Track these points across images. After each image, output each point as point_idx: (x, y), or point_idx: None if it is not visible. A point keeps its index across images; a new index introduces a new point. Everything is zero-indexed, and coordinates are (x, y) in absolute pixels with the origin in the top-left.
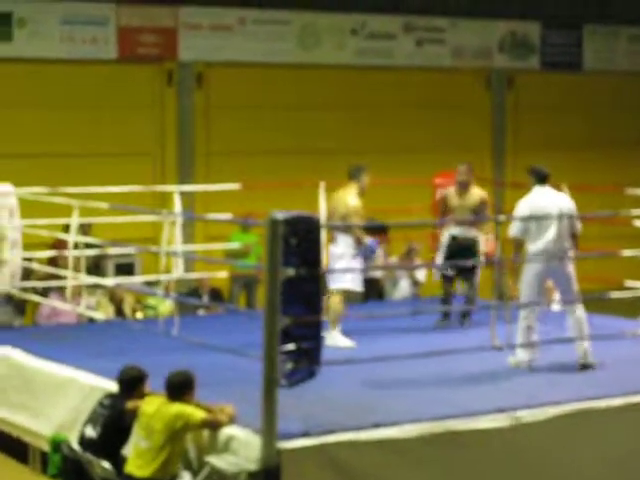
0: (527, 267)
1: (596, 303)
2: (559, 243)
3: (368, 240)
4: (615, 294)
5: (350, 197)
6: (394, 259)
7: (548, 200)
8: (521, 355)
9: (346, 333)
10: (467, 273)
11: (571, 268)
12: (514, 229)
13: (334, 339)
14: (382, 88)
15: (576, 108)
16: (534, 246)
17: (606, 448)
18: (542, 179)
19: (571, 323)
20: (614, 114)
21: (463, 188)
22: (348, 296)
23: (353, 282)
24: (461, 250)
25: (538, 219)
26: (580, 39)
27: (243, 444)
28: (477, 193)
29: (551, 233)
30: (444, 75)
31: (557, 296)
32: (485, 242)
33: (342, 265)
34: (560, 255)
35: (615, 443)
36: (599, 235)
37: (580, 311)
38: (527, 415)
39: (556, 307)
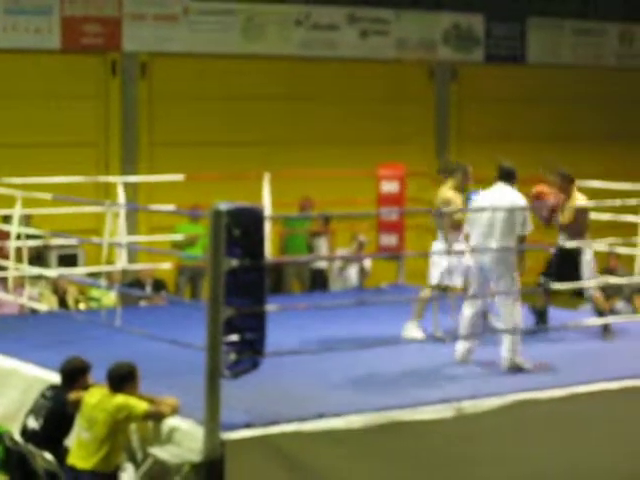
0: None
1: (534, 295)
2: (490, 240)
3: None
4: (556, 285)
5: (445, 191)
6: (342, 251)
7: (489, 197)
8: (459, 347)
9: (289, 323)
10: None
11: (505, 268)
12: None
13: (407, 330)
14: (326, 79)
15: (520, 101)
16: (471, 240)
17: (548, 439)
18: (500, 176)
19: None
20: (557, 107)
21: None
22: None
23: (441, 277)
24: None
25: (473, 214)
26: (524, 32)
27: (186, 435)
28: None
29: (481, 229)
30: (388, 67)
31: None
32: None
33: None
34: (488, 252)
35: (557, 434)
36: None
37: (508, 310)
38: (470, 406)
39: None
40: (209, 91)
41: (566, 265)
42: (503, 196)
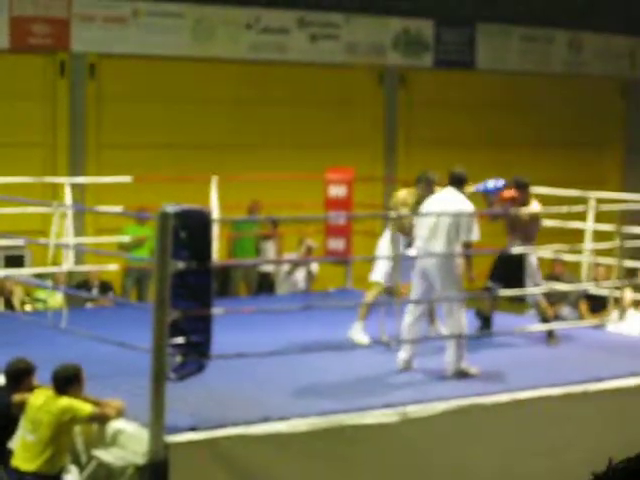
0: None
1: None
2: (432, 244)
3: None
4: (503, 291)
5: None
6: (290, 254)
7: (436, 202)
8: (400, 355)
9: (235, 326)
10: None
11: (448, 273)
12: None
13: (353, 332)
14: (276, 83)
15: (468, 106)
16: (415, 244)
17: (493, 443)
18: (451, 181)
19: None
20: (506, 113)
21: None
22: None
23: (384, 276)
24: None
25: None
26: (473, 38)
27: (131, 438)
28: None
29: (424, 233)
30: (337, 71)
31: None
32: None
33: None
34: (432, 256)
35: (501, 439)
36: (492, 232)
37: (452, 316)
38: (415, 410)
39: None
40: (158, 93)
41: (511, 270)
42: (450, 201)
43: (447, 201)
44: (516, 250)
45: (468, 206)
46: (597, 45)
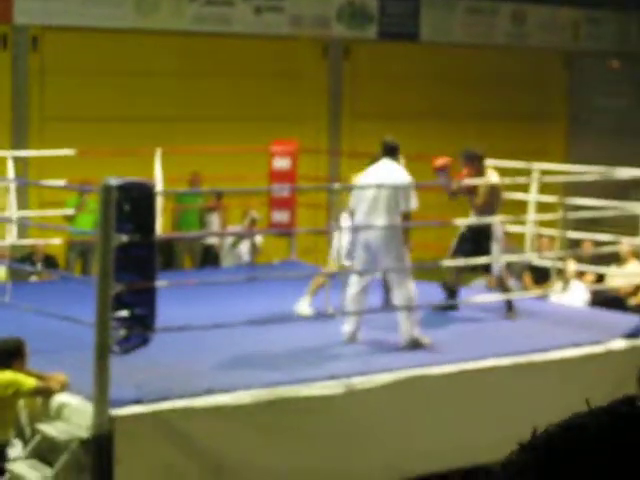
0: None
1: (431, 271)
2: (374, 217)
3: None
4: (450, 262)
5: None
6: (234, 227)
7: (374, 174)
8: (345, 327)
9: (180, 299)
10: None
11: (392, 244)
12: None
13: (299, 306)
14: (220, 56)
15: (413, 78)
16: (355, 218)
17: (439, 414)
18: (385, 151)
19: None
20: (450, 85)
21: None
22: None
23: (340, 256)
24: None
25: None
26: (417, 10)
27: (75, 411)
28: None
29: (364, 206)
30: (282, 43)
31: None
32: None
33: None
34: (374, 228)
35: (447, 409)
36: (436, 204)
37: (400, 286)
38: (360, 382)
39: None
40: (101, 66)
41: (475, 243)
42: (387, 172)
43: (384, 173)
44: (477, 222)
45: (404, 175)
46: (541, 17)
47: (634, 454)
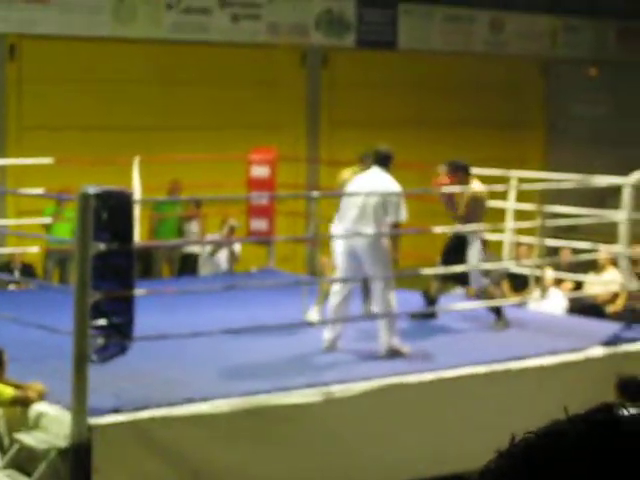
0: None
1: (410, 279)
2: (361, 225)
3: None
4: (427, 270)
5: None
6: (213, 235)
7: (362, 182)
8: (326, 335)
9: (158, 308)
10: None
11: (378, 253)
12: None
13: (309, 314)
14: (198, 64)
15: (391, 87)
16: (340, 225)
17: (417, 422)
18: (377, 160)
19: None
20: (428, 93)
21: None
22: None
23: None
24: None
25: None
26: (395, 18)
27: (53, 421)
28: None
29: (352, 214)
30: (260, 51)
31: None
32: None
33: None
34: (358, 236)
35: (425, 417)
36: (414, 212)
37: (382, 295)
38: (339, 390)
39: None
40: (80, 74)
41: (454, 254)
42: (377, 181)
43: (374, 181)
44: (458, 232)
45: (395, 186)
46: (519, 25)
47: (612, 462)
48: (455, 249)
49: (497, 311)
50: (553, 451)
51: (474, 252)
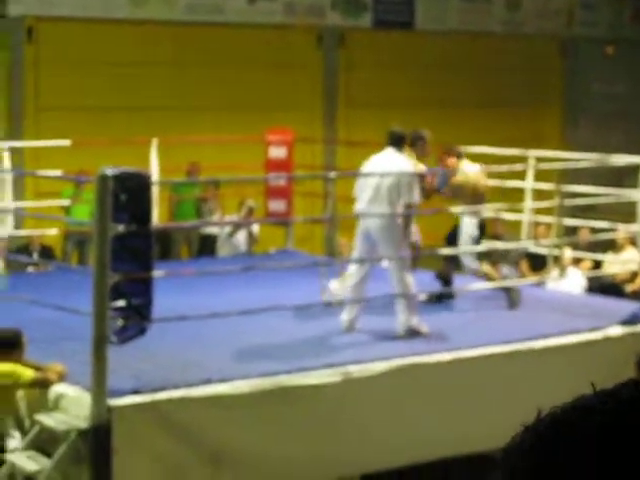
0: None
1: (427, 259)
2: (375, 206)
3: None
4: (445, 250)
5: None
6: (231, 216)
7: (376, 163)
8: (344, 316)
9: (177, 289)
10: None
11: (392, 235)
12: None
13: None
14: (213, 45)
15: (408, 67)
16: (357, 206)
17: (436, 402)
18: (391, 140)
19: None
20: (446, 73)
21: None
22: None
23: None
24: None
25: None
26: None
27: (73, 402)
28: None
29: (367, 195)
30: (276, 32)
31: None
32: None
33: None
34: (375, 217)
35: (445, 397)
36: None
37: (398, 275)
38: (357, 370)
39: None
40: (96, 56)
41: (453, 238)
42: (391, 162)
43: (388, 162)
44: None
45: (409, 167)
46: (535, 4)
47: (638, 436)
48: (453, 235)
49: (507, 292)
50: (580, 427)
51: (466, 230)
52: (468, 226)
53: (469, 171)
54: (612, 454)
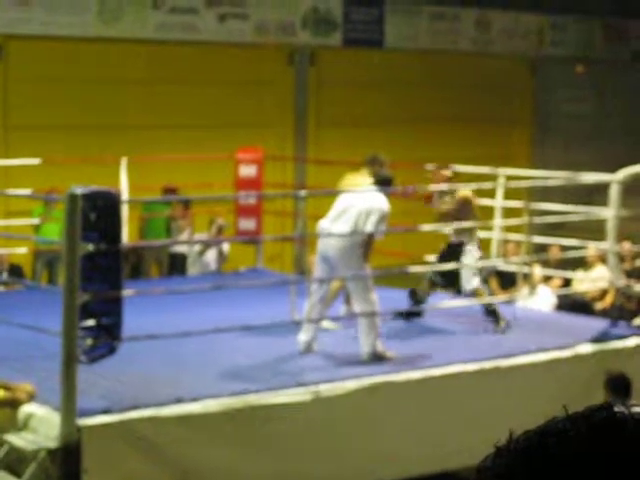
0: None
1: (398, 278)
2: (336, 227)
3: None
4: (415, 268)
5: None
6: (201, 235)
7: (356, 186)
8: (301, 337)
9: (147, 308)
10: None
11: (351, 259)
12: None
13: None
14: (185, 63)
15: (378, 85)
16: (321, 223)
17: (406, 420)
18: (377, 182)
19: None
20: (416, 92)
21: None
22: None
23: None
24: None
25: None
26: (382, 16)
27: (43, 422)
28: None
29: (333, 214)
30: (247, 51)
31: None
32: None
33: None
34: (326, 236)
35: (415, 415)
36: (401, 210)
37: (361, 298)
38: (327, 389)
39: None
40: (67, 74)
41: (448, 260)
42: (370, 195)
43: (366, 194)
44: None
45: (384, 205)
46: (505, 23)
47: (613, 462)
48: (450, 255)
49: (494, 315)
50: (554, 452)
51: (470, 259)
52: (473, 250)
53: (467, 192)
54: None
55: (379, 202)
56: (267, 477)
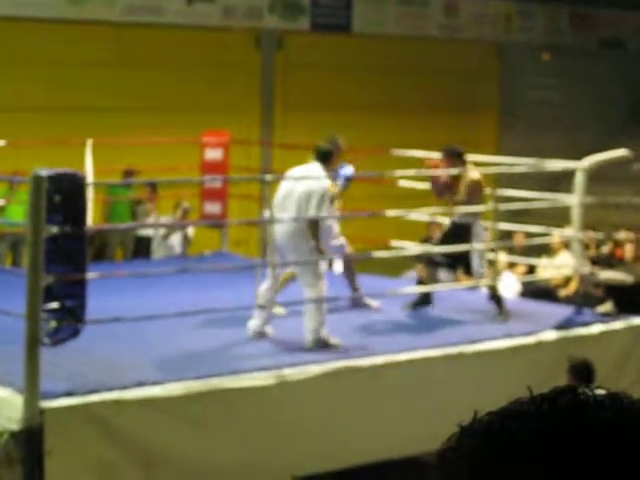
0: None
1: (362, 263)
2: (281, 214)
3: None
4: (379, 254)
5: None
6: (166, 218)
7: (296, 172)
8: (252, 322)
9: (111, 291)
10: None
11: (299, 245)
12: None
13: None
14: (152, 46)
15: (345, 70)
16: (267, 211)
17: (370, 405)
18: (317, 156)
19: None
20: (383, 77)
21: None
22: None
23: None
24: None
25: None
26: (349, 1)
27: (5, 404)
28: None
29: (277, 201)
30: (214, 34)
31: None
32: None
33: None
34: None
35: (378, 400)
36: (366, 195)
37: (309, 284)
38: (292, 373)
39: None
40: (32, 55)
41: (453, 241)
42: (311, 174)
43: (306, 174)
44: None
45: (324, 184)
46: (472, 9)
47: (575, 443)
48: (454, 236)
49: (498, 302)
50: (517, 431)
51: (477, 240)
52: (482, 234)
53: (477, 175)
54: (549, 460)
55: (318, 184)
56: (230, 461)
